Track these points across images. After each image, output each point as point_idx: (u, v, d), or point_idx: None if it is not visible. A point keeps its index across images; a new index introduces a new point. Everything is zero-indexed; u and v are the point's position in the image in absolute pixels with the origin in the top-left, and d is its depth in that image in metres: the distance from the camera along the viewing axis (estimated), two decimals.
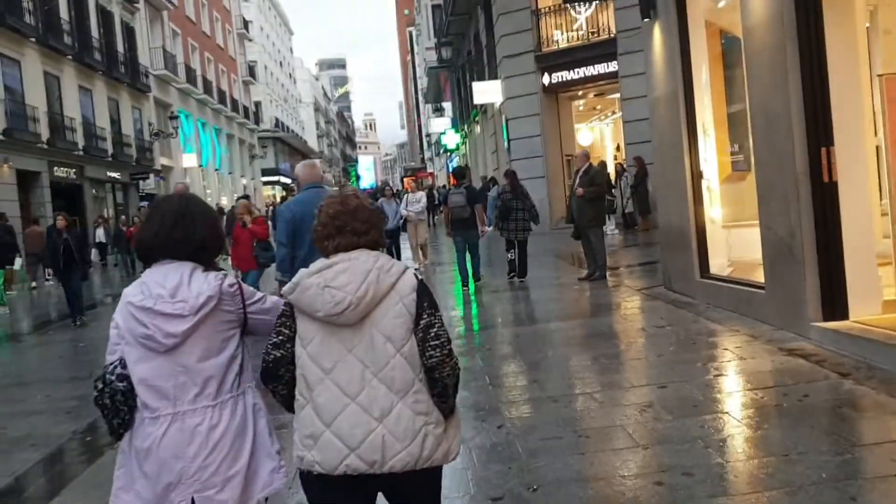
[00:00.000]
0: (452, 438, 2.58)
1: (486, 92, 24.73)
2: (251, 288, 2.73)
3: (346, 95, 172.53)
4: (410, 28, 74.61)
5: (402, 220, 15.79)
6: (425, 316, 2.49)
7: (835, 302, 6.35)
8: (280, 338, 2.56)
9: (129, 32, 36.66)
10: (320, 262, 2.55)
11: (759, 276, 7.77)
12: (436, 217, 30.35)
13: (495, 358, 7.23)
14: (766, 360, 6.00)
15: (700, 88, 8.78)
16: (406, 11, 76.99)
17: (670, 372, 5.96)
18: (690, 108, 8.78)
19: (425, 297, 2.52)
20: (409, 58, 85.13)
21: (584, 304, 9.75)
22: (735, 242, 8.93)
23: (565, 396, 5.60)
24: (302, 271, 2.56)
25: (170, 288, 2.52)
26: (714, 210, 8.89)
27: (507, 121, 23.50)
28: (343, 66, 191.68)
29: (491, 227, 13.68)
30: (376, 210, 2.70)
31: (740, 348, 6.45)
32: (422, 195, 16.76)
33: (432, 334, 2.48)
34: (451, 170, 20.05)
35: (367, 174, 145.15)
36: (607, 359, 6.68)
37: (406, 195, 16.55)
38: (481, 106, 30.27)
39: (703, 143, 8.81)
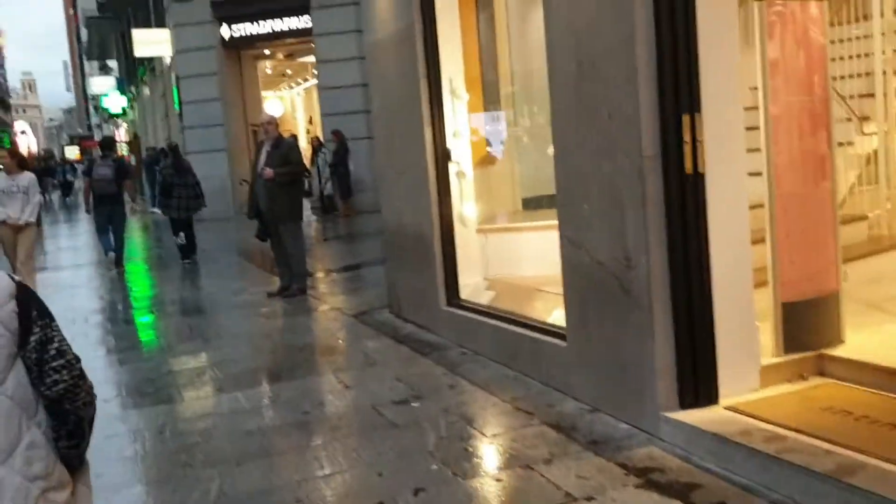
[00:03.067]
0: (85, 501, 1.91)
1: (150, 42, 20.05)
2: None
3: None
4: None
5: None
6: (37, 330, 1.77)
7: (699, 376, 3.80)
8: None
9: None
10: None
11: (544, 312, 5.12)
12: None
13: None
14: None
15: (448, 25, 5.89)
16: None
17: None
18: (433, 56, 5.87)
19: (32, 304, 1.79)
20: (72, 11, 74.56)
21: (275, 348, 6.43)
22: (495, 253, 6.23)
23: None
24: None
25: None
26: (466, 206, 6.10)
27: (177, 80, 19.21)
28: None
29: (156, 208, 12.67)
30: None
31: (553, 463, 3.65)
32: (28, 180, 8.85)
33: (52, 352, 1.78)
34: (101, 139, 15.33)
35: (25, 141, 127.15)
36: None
37: None
38: (149, 63, 25.36)
39: (452, 108, 5.96)
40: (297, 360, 5.87)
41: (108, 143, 12.68)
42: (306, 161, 16.89)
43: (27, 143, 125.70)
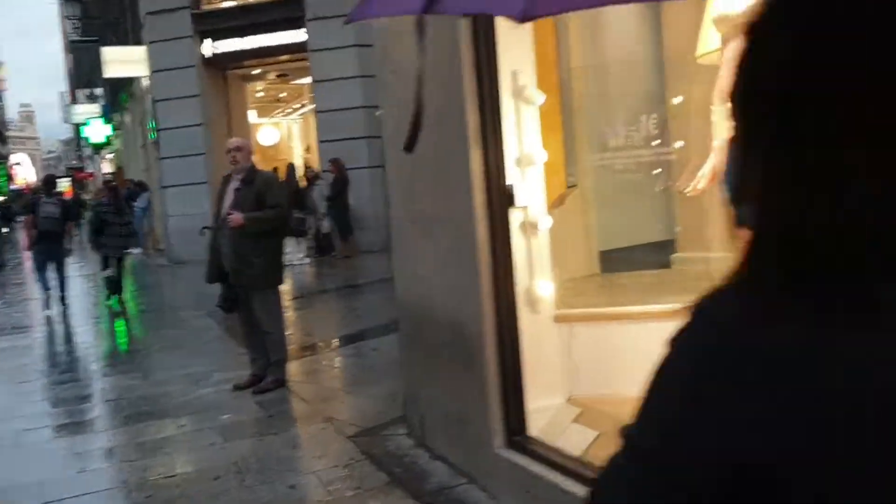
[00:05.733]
0: None
1: (123, 62, 17.73)
2: None
3: None
4: None
5: None
6: None
7: None
8: None
9: None
10: None
11: None
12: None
13: None
14: None
15: None
16: None
17: None
18: (487, 37, 3.55)
19: None
20: (66, 40, 72.97)
21: None
22: (588, 356, 3.86)
23: None
24: None
25: None
26: (539, 279, 3.75)
27: (154, 103, 16.96)
28: None
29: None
30: None
31: None
32: None
33: None
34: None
35: (21, 172, 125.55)
36: None
37: None
38: (130, 86, 23.15)
39: (517, 119, 3.62)
40: None
41: (51, 182, 12.26)
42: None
43: (24, 174, 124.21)
